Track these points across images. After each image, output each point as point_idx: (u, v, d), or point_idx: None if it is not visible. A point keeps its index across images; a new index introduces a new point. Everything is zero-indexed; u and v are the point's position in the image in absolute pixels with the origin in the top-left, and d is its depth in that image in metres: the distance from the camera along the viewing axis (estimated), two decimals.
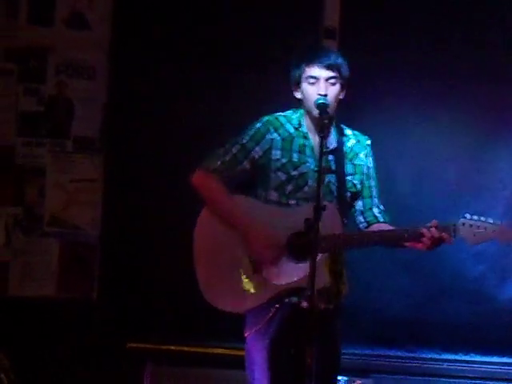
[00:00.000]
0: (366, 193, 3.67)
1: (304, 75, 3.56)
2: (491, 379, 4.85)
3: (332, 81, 3.55)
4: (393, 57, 4.93)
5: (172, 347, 4.89)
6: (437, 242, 3.43)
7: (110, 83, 5.11)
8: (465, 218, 3.38)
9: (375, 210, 3.67)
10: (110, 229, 5.13)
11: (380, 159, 3.74)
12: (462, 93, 4.93)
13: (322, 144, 3.33)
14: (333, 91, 3.55)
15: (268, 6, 5.05)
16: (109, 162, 5.13)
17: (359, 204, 3.67)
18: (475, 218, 3.38)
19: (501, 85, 4.91)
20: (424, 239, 3.41)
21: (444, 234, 3.40)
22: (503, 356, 4.89)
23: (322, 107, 3.50)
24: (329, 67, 3.54)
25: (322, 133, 3.38)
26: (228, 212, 3.59)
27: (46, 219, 5.17)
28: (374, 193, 3.69)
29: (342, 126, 3.71)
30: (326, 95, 3.51)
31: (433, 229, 3.40)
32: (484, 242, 3.40)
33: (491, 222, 3.37)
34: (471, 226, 3.37)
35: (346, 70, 3.60)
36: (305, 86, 3.57)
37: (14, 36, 5.16)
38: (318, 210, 3.17)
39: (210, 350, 4.91)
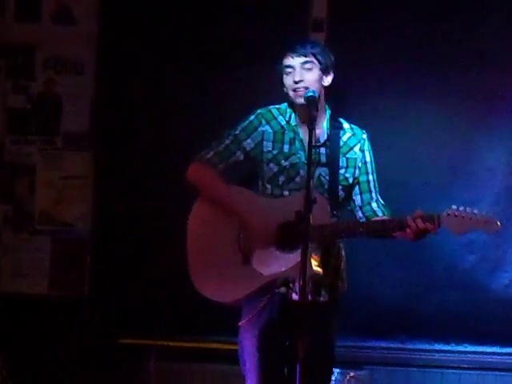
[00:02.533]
0: (363, 188, 3.66)
1: (282, 67, 3.60)
2: (484, 369, 4.86)
3: (307, 66, 3.56)
4: (381, 48, 4.92)
5: (167, 343, 4.89)
6: (421, 233, 3.42)
7: (98, 78, 5.10)
8: (450, 208, 3.39)
9: (374, 205, 3.66)
10: (101, 225, 5.13)
11: None
12: (451, 83, 4.93)
13: (311, 136, 3.33)
14: (309, 76, 3.55)
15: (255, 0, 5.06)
16: (99, 157, 5.12)
17: (357, 199, 3.66)
18: (461, 208, 3.38)
19: (490, 74, 4.90)
20: (408, 230, 3.41)
21: (428, 225, 3.40)
22: (495, 346, 4.90)
23: (311, 100, 3.49)
24: (301, 54, 3.56)
25: (311, 125, 3.37)
26: (223, 198, 3.60)
27: (36, 216, 5.16)
28: (373, 187, 3.67)
29: (340, 119, 3.71)
30: (301, 81, 3.53)
31: (418, 220, 3.39)
32: (468, 232, 3.40)
33: (476, 212, 3.38)
34: (456, 216, 3.37)
35: (324, 57, 3.60)
36: (284, 77, 3.60)
37: (2, 33, 5.15)
38: (309, 202, 3.16)
39: (206, 345, 4.92)
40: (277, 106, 3.70)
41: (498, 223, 3.36)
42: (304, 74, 3.55)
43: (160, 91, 5.04)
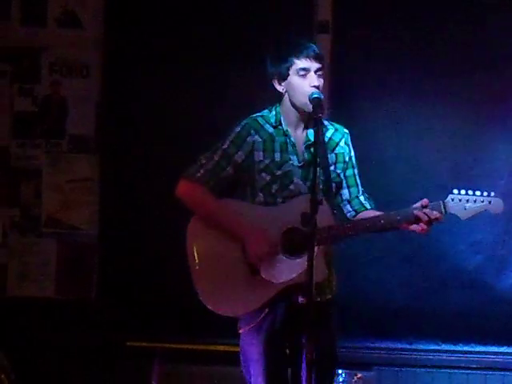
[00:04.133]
0: (351, 182, 3.65)
1: (294, 68, 3.53)
2: (491, 369, 4.86)
3: (319, 72, 3.54)
4: (386, 49, 4.92)
5: (172, 345, 4.89)
6: (429, 223, 3.40)
7: (103, 81, 5.11)
8: (453, 193, 3.36)
9: (361, 198, 3.65)
10: (108, 228, 5.13)
11: (374, 151, 3.73)
12: (456, 83, 4.93)
13: (317, 137, 3.30)
14: (321, 83, 3.54)
15: (261, 2, 5.05)
16: (105, 160, 5.13)
17: (345, 193, 3.65)
18: (463, 192, 3.35)
19: (495, 75, 4.91)
20: (421, 223, 3.38)
21: (436, 213, 3.38)
22: (502, 346, 4.90)
23: (317, 102, 3.46)
24: (316, 58, 3.53)
25: (316, 126, 3.35)
26: (219, 217, 3.55)
27: (42, 220, 5.17)
28: (358, 180, 3.67)
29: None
30: (318, 86, 3.50)
31: (427, 210, 3.38)
32: (476, 214, 3.36)
33: (479, 194, 3.36)
34: (460, 200, 3.35)
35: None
36: (294, 79, 3.53)
37: (7, 37, 5.16)
38: (315, 203, 3.14)
39: (209, 347, 4.92)
40: (259, 114, 3.64)
41: (502, 202, 3.33)
42: (318, 80, 3.53)
43: (165, 94, 5.04)
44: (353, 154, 3.67)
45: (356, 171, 3.67)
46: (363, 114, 4.30)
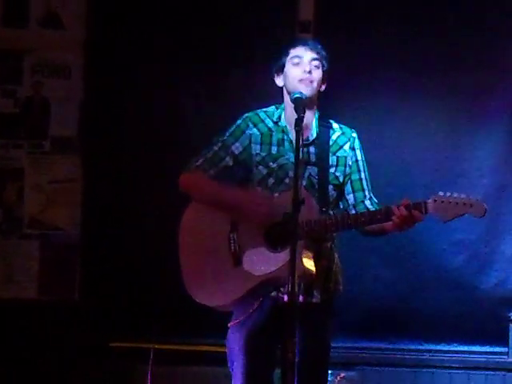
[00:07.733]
0: (356, 186, 3.64)
1: (289, 57, 3.56)
2: (473, 368, 4.87)
3: (316, 63, 3.55)
4: (368, 49, 4.94)
5: (156, 346, 4.88)
6: (408, 221, 3.38)
7: (86, 82, 5.11)
8: (437, 194, 3.37)
9: (367, 203, 3.63)
10: (90, 229, 5.13)
11: None
12: (439, 82, 4.95)
13: (298, 137, 3.32)
14: (317, 74, 3.55)
15: (242, 2, 5.07)
16: (87, 161, 5.13)
17: (350, 198, 3.64)
18: (448, 194, 3.36)
19: (478, 74, 4.93)
20: (394, 218, 3.37)
21: (415, 213, 3.37)
22: (485, 345, 4.92)
23: (298, 101, 3.47)
24: (313, 49, 3.56)
25: (298, 126, 3.36)
26: (216, 194, 3.57)
27: (25, 221, 5.16)
28: (365, 185, 3.65)
29: (329, 120, 3.69)
30: (310, 72, 3.52)
31: (401, 207, 3.37)
32: (456, 217, 3.35)
33: (463, 197, 3.36)
34: (443, 202, 3.35)
35: (327, 63, 3.60)
36: (288, 67, 3.56)
37: None
38: (296, 203, 3.14)
39: (196, 348, 4.92)
40: (264, 110, 3.69)
41: (485, 206, 3.32)
42: (312, 68, 3.54)
43: (148, 95, 5.05)
44: (360, 158, 3.66)
45: (363, 175, 3.65)
46: (345, 114, 4.31)
